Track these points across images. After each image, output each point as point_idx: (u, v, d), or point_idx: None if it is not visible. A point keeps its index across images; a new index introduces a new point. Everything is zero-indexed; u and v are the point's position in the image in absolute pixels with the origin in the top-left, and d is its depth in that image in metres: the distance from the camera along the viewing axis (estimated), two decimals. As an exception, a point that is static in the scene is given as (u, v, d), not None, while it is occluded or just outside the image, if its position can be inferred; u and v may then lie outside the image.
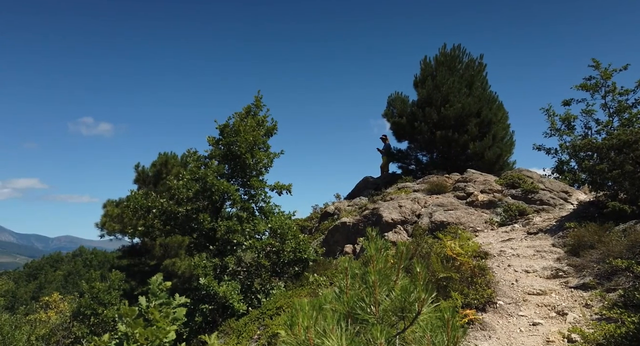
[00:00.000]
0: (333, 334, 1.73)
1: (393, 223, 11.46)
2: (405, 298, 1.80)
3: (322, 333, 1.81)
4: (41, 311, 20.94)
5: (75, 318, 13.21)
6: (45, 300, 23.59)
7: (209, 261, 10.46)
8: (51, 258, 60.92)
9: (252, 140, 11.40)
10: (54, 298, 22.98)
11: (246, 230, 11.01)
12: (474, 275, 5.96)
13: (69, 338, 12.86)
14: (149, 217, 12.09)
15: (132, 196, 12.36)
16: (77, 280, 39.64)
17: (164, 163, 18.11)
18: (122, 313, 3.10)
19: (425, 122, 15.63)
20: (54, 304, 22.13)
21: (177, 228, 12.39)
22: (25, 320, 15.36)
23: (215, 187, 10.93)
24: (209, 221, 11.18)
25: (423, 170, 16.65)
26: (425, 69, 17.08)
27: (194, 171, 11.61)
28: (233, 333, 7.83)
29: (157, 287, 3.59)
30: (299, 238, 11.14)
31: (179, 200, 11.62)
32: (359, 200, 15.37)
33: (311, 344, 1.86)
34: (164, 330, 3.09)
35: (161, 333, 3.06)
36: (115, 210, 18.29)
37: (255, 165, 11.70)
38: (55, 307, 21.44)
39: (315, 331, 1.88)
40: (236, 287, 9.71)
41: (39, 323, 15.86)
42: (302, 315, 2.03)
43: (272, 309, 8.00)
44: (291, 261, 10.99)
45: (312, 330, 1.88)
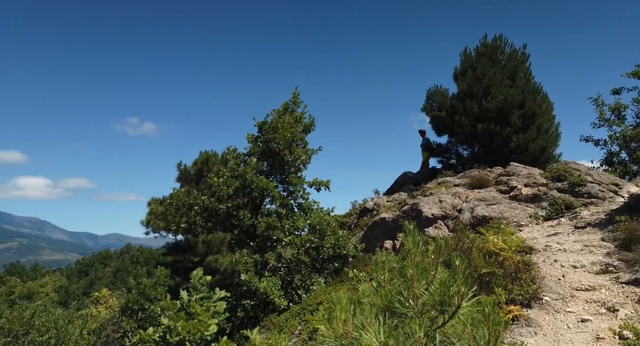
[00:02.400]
0: (371, 327, 1.70)
1: (433, 219, 11.21)
2: (444, 291, 1.74)
3: (360, 326, 1.79)
4: (92, 306, 22.21)
5: (123, 313, 13.86)
6: (96, 295, 24.99)
7: (249, 258, 10.68)
8: (100, 255, 64.47)
9: (290, 137, 11.50)
10: (103, 293, 24.31)
11: (285, 227, 11.15)
12: (518, 271, 5.71)
13: (118, 333, 13.49)
14: (191, 214, 12.49)
15: (175, 194, 12.83)
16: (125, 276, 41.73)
17: (205, 161, 18.68)
18: (165, 307, 3.22)
19: (465, 115, 15.16)
20: (104, 299, 23.40)
21: (218, 225, 12.74)
22: (77, 315, 16.27)
23: (254, 183, 11.13)
24: (249, 218, 11.41)
25: (464, 164, 16.18)
26: (466, 60, 16.55)
27: (234, 168, 11.88)
28: (275, 328, 7.96)
29: (198, 281, 3.70)
30: (338, 235, 11.15)
31: (220, 197, 11.93)
32: (398, 196, 15.15)
33: (349, 337, 1.84)
34: (205, 323, 3.17)
35: (202, 326, 3.15)
36: (159, 208, 19.09)
37: (294, 162, 11.81)
38: (104, 302, 22.67)
39: (353, 325, 1.86)
40: (277, 283, 9.86)
41: (90, 317, 16.79)
42: (339, 308, 2.01)
43: (313, 305, 8.06)
44: (331, 258, 11.02)
45: (349, 324, 1.86)
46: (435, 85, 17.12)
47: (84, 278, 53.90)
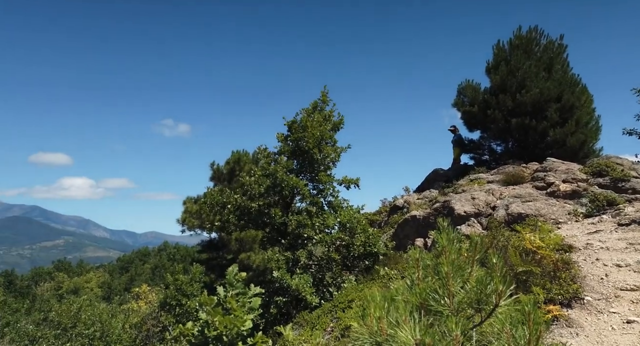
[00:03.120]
0: (406, 324, 1.71)
1: (466, 216, 10.99)
2: (481, 290, 1.72)
3: (395, 323, 1.80)
4: (133, 301, 23.12)
5: (162, 308, 14.37)
6: (136, 291, 25.99)
7: (281, 255, 10.83)
8: (140, 253, 66.94)
9: (319, 135, 11.56)
10: (143, 289, 25.26)
11: (316, 224, 11.22)
12: (557, 269, 5.51)
13: (157, 327, 14.00)
14: (225, 212, 12.78)
15: (209, 193, 13.16)
16: (163, 272, 43.18)
17: (236, 160, 19.07)
18: (202, 302, 3.34)
19: (499, 110, 14.74)
20: (144, 295, 24.32)
21: (250, 223, 12.98)
22: (119, 309, 16.99)
23: (284, 182, 11.26)
24: (280, 216, 11.56)
25: (497, 160, 15.74)
26: (499, 53, 16.07)
27: (265, 167, 12.06)
28: (307, 325, 8.05)
29: (234, 277, 3.81)
30: (368, 232, 11.12)
31: (252, 196, 12.15)
32: (429, 193, 14.94)
33: (383, 334, 1.86)
34: (241, 318, 3.27)
35: (238, 321, 3.25)
36: (194, 207, 19.64)
37: (323, 160, 11.86)
38: (144, 298, 23.55)
39: (387, 322, 1.87)
40: (308, 280, 9.96)
41: (131, 312, 17.51)
42: (374, 305, 2.03)
43: (344, 302, 8.09)
44: (361, 255, 11.02)
45: (384, 321, 1.88)
46: (467, 79, 16.73)
47: (124, 274, 56.16)
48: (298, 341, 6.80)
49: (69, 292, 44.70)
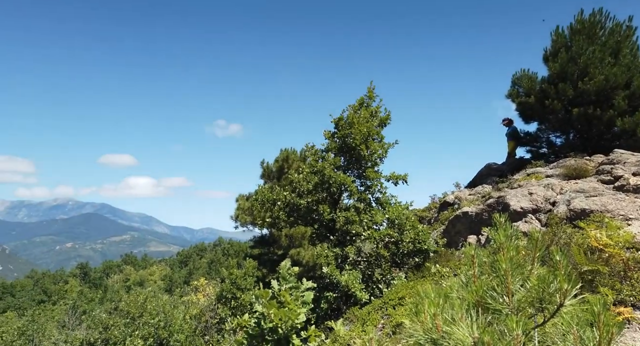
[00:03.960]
0: (462, 322, 1.69)
1: (522, 212, 10.46)
2: (543, 288, 1.65)
3: (451, 320, 1.78)
4: (192, 293, 24.34)
5: (219, 300, 15.02)
6: (195, 284, 27.32)
7: (330, 251, 10.93)
8: (197, 248, 70.30)
9: (366, 132, 11.51)
10: (201, 282, 26.50)
11: (364, 221, 11.21)
12: (627, 269, 5.11)
13: (215, 319, 14.66)
14: (275, 209, 13.10)
15: (260, 190, 13.54)
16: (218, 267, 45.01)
17: (285, 158, 19.45)
18: (258, 295, 3.47)
19: (558, 100, 13.83)
20: (202, 288, 25.52)
21: (300, 220, 13.21)
22: (180, 301, 17.98)
23: (332, 179, 11.34)
24: (329, 212, 11.66)
25: (557, 153, 14.79)
26: (558, 40, 15.04)
27: (312, 164, 12.20)
28: (357, 321, 8.09)
29: (287, 272, 3.92)
30: (417, 229, 10.93)
31: (300, 193, 12.36)
32: (481, 189, 14.38)
33: (439, 331, 1.85)
34: (295, 311, 3.36)
35: (293, 314, 3.34)
36: (246, 204, 20.32)
37: (370, 156, 11.80)
38: (202, 290, 24.71)
39: (442, 319, 1.85)
40: (357, 276, 9.98)
41: (190, 304, 18.47)
42: (428, 302, 2.02)
43: (394, 299, 8.03)
44: (411, 252, 10.86)
45: (439, 318, 1.86)
46: (522, 69, 15.82)
47: (184, 268, 59.29)
48: (349, 336, 6.85)
49: (136, 284, 48.04)
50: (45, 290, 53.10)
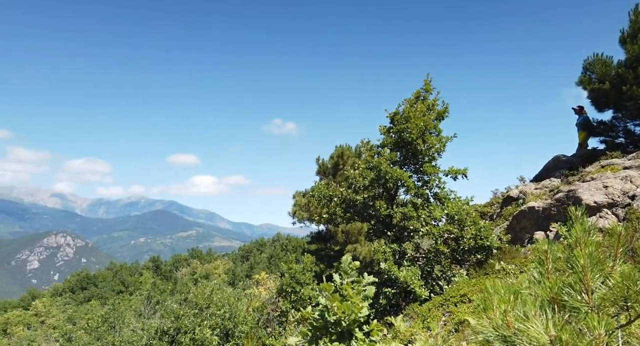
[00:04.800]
0: (536, 319, 1.63)
1: (596, 207, 9.68)
2: (628, 286, 1.55)
3: (523, 317, 1.73)
4: (254, 287, 25.29)
5: (279, 294, 15.50)
6: (256, 278, 28.36)
7: (387, 247, 10.84)
8: (257, 243, 72.82)
9: (423, 126, 11.23)
10: (262, 276, 27.44)
11: (422, 217, 10.98)
12: None
13: (276, 312, 15.16)
14: (331, 205, 13.21)
15: (316, 186, 13.71)
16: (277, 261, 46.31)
17: (340, 155, 19.55)
18: (322, 288, 3.56)
19: (637, 85, 12.56)
20: (263, 281, 26.42)
21: (356, 215, 13.23)
22: (243, 294, 18.78)
23: (388, 174, 11.22)
24: (385, 208, 11.56)
25: (635, 143, 13.47)
26: (637, 20, 13.63)
27: (368, 160, 12.14)
28: (417, 318, 7.98)
29: (348, 266, 3.98)
30: (479, 225, 10.51)
31: (356, 189, 12.35)
32: (548, 182, 13.49)
33: (511, 328, 1.80)
34: (357, 305, 3.41)
35: (356, 307, 3.39)
36: (303, 200, 20.72)
37: (427, 151, 11.51)
38: (263, 284, 25.59)
39: (514, 316, 1.80)
40: (416, 273, 9.82)
41: (253, 297, 19.21)
42: (497, 298, 1.97)
43: (456, 296, 7.81)
44: (472, 249, 10.47)
45: (510, 314, 1.81)
46: (595, 53, 14.51)
47: (245, 262, 61.80)
48: (409, 332, 6.78)
49: (202, 277, 50.96)
50: (123, 281, 57.89)
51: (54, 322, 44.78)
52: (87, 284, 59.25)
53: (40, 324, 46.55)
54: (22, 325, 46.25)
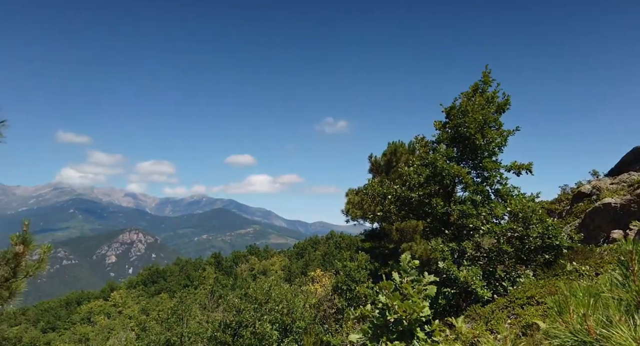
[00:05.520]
0: (622, 324, 1.51)
1: (688, 203, 8.71)
2: None
3: (606, 322, 1.61)
4: (309, 283, 25.66)
5: (335, 291, 15.59)
6: (311, 275, 28.75)
7: (445, 246, 10.51)
8: (311, 240, 73.84)
9: (482, 119, 10.73)
10: (317, 273, 27.77)
11: (482, 214, 10.51)
12: None
13: (332, 309, 15.27)
14: (385, 202, 13.05)
15: (369, 184, 13.63)
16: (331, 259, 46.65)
17: (393, 151, 19.24)
18: (381, 286, 3.54)
19: None
20: (318, 278, 26.72)
21: (411, 213, 12.95)
22: (299, 290, 19.11)
23: (445, 171, 10.87)
24: (442, 205, 11.22)
25: None
26: None
27: (423, 156, 11.85)
28: (480, 319, 7.66)
29: (407, 264, 3.92)
30: (546, 223, 9.85)
31: (411, 186, 12.10)
32: (627, 177, 12.35)
33: (592, 334, 1.68)
34: (419, 304, 3.35)
35: (417, 307, 3.34)
36: (356, 198, 20.64)
37: (487, 146, 10.99)
38: (319, 281, 25.87)
39: (595, 320, 1.68)
40: (477, 273, 9.42)
41: (309, 293, 19.47)
42: (575, 301, 1.85)
43: (522, 298, 7.40)
44: (538, 248, 9.85)
45: (591, 319, 1.69)
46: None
47: (300, 259, 63.00)
48: (472, 334, 6.53)
49: (259, 273, 52.70)
50: (189, 275, 61.40)
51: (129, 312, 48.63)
52: (157, 278, 63.57)
53: (118, 314, 50.72)
54: (103, 314, 50.69)
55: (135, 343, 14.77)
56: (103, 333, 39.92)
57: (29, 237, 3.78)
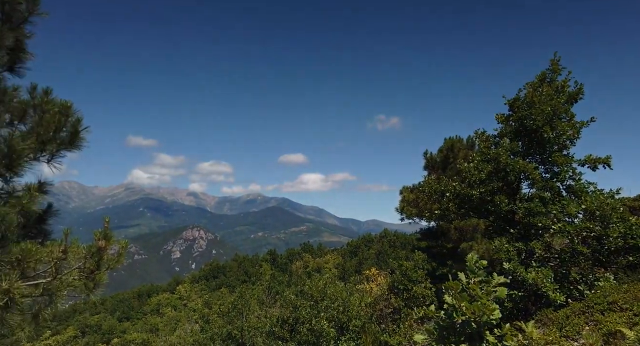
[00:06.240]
0: None
1: None
2: None
3: None
4: (364, 282, 25.44)
5: (391, 291, 15.31)
6: (366, 273, 28.50)
7: (511, 246, 9.91)
8: (364, 239, 73.33)
9: (551, 111, 9.98)
10: (372, 272, 27.46)
11: (552, 212, 9.78)
12: None
13: (389, 309, 15.01)
14: (443, 200, 12.59)
15: (426, 181, 13.23)
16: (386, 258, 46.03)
17: (450, 147, 18.57)
18: (448, 287, 3.39)
19: None
20: (373, 277, 26.41)
21: (471, 211, 12.38)
22: (355, 289, 19.01)
23: (509, 166, 10.26)
24: (506, 203, 10.61)
25: None
26: None
27: (484, 152, 11.28)
28: (552, 325, 7.14)
29: (474, 265, 3.72)
30: (629, 222, 8.96)
31: (471, 183, 11.57)
32: None
33: None
34: (489, 306, 3.16)
35: (487, 309, 3.15)
36: (411, 196, 20.15)
37: (557, 139, 10.21)
38: (374, 280, 25.57)
39: None
40: (548, 275, 8.78)
41: (364, 292, 19.29)
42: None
43: (602, 303, 6.78)
44: (620, 249, 8.98)
45: None
46: None
47: (354, 257, 62.89)
48: (544, 340, 6.10)
49: (314, 270, 53.35)
50: (246, 271, 63.68)
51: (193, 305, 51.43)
52: (217, 273, 66.61)
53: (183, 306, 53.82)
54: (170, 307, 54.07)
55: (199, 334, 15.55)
56: (170, 324, 42.55)
57: (110, 232, 4.10)
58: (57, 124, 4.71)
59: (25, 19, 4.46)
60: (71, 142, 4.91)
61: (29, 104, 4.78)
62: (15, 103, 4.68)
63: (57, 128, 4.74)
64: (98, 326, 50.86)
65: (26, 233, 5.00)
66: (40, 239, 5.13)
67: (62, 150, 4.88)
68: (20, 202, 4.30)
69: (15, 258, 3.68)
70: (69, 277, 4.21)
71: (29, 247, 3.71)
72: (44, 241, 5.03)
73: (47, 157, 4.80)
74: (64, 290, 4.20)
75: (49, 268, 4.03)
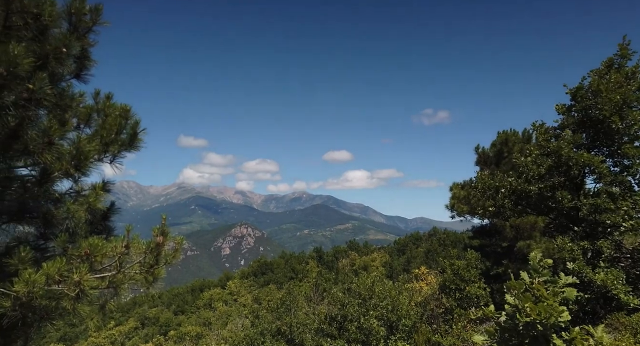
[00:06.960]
0: None
1: None
2: None
3: None
4: (413, 281, 24.87)
5: (442, 290, 14.84)
6: (415, 272, 27.86)
7: (575, 245, 9.25)
8: (412, 237, 71.80)
9: (620, 99, 9.20)
10: (422, 271, 26.81)
11: (622, 209, 9.02)
12: None
13: (440, 308, 14.57)
14: (498, 197, 12.01)
15: (479, 177, 12.67)
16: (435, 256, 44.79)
17: (503, 141, 17.69)
18: (510, 286, 3.19)
19: None
20: (423, 276, 25.76)
21: (529, 208, 11.71)
22: (404, 288, 18.64)
23: (572, 160, 9.58)
24: (569, 199, 9.91)
25: None
26: None
27: (543, 145, 10.61)
28: (625, 330, 6.57)
29: (538, 264, 3.48)
30: None
31: (529, 178, 10.93)
32: None
33: None
34: (556, 308, 2.94)
35: (554, 310, 2.93)
36: (462, 192, 19.40)
37: (627, 129, 9.40)
38: (424, 279, 24.94)
39: None
40: (619, 276, 8.10)
41: (414, 291, 18.86)
42: None
43: (684, 309, 6.13)
44: None
45: None
46: None
47: (402, 256, 61.84)
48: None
49: (360, 268, 53.09)
50: (293, 268, 64.59)
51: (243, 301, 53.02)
52: (265, 269, 68.16)
53: (234, 301, 55.63)
54: (221, 301, 56.10)
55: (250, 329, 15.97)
56: (222, 319, 44.13)
57: (167, 229, 4.29)
58: (118, 127, 4.99)
59: (89, 29, 4.75)
60: (131, 143, 5.20)
61: (93, 109, 5.11)
62: (81, 108, 5.01)
63: (118, 131, 5.03)
64: (156, 319, 53.85)
65: (92, 229, 5.35)
66: (105, 235, 5.47)
67: (123, 151, 5.18)
68: (87, 200, 4.60)
69: (84, 252, 3.93)
70: (131, 271, 4.46)
71: (96, 242, 3.95)
72: (108, 237, 5.35)
73: (110, 158, 5.10)
74: (126, 283, 4.45)
75: (114, 262, 4.27)
